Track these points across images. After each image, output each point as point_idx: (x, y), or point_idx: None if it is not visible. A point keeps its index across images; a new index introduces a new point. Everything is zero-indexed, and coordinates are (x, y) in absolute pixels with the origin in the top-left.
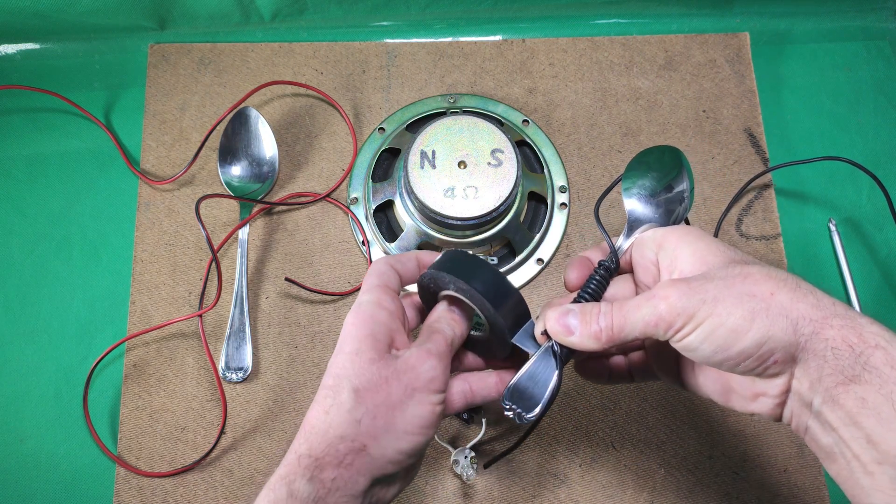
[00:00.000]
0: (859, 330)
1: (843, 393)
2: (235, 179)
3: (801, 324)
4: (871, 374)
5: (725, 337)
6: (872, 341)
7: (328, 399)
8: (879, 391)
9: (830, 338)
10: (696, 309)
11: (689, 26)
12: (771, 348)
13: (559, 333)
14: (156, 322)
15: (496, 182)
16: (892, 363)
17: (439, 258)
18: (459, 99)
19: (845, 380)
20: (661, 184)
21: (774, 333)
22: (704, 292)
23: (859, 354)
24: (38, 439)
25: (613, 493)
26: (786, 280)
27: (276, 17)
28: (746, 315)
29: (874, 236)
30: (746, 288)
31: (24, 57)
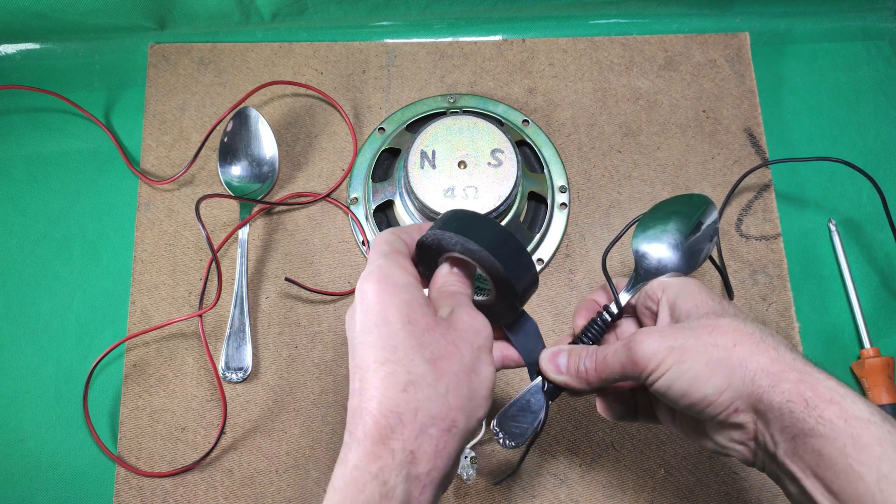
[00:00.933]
0: (814, 384)
1: (801, 445)
2: (235, 179)
3: (758, 376)
4: (826, 428)
5: (689, 383)
6: (827, 395)
7: (399, 375)
8: (833, 444)
9: (786, 391)
10: (665, 356)
11: (689, 26)
12: (731, 397)
13: (549, 371)
14: (156, 322)
15: (496, 182)
16: (845, 417)
17: (441, 217)
18: (459, 99)
19: (801, 433)
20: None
21: (733, 383)
22: (674, 340)
23: (814, 408)
24: (38, 439)
25: (613, 493)
26: (751, 333)
27: (276, 17)
28: (708, 364)
29: (874, 236)
30: (712, 339)
31: (24, 57)
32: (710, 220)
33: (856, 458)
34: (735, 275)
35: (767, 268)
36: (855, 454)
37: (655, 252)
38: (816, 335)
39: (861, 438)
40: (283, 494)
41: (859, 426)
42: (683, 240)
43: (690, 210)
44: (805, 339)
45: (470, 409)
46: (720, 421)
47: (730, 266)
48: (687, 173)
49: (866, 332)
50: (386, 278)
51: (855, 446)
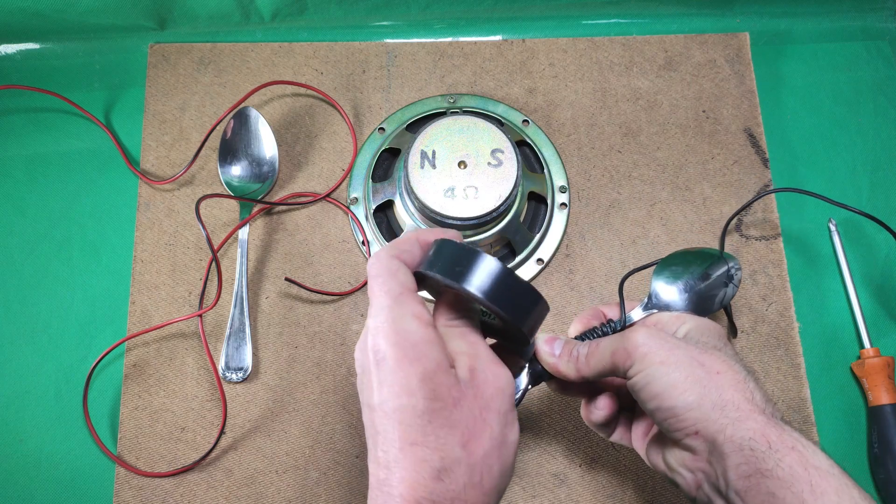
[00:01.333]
0: (780, 431)
1: (756, 486)
2: (235, 179)
3: (729, 407)
4: (784, 472)
5: (664, 389)
6: (790, 443)
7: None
8: (790, 489)
9: (751, 429)
10: (652, 352)
11: (689, 26)
12: (696, 418)
13: (544, 352)
14: (156, 322)
15: (496, 182)
16: (805, 465)
17: (431, 254)
18: (459, 99)
19: (758, 472)
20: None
21: (703, 405)
22: (666, 343)
23: (775, 451)
24: (38, 439)
25: (613, 493)
26: (737, 371)
27: (276, 17)
28: (688, 379)
29: (874, 236)
30: (701, 359)
31: (24, 57)
32: (720, 271)
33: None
34: None
35: (767, 268)
36: (811, 501)
37: (667, 292)
38: (816, 335)
39: (819, 486)
40: (283, 494)
41: (818, 475)
42: (693, 286)
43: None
44: (805, 339)
45: (502, 485)
46: (676, 439)
47: None
48: (687, 173)
49: (866, 332)
50: (403, 336)
51: (812, 493)
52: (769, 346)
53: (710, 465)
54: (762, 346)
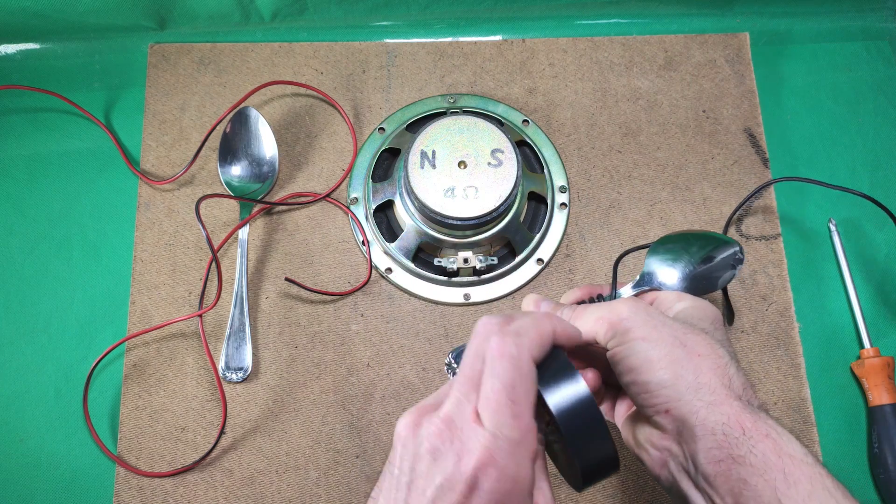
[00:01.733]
0: (754, 417)
1: (726, 471)
2: (235, 179)
3: (704, 390)
4: (758, 459)
5: (641, 363)
6: (764, 430)
7: None
8: (763, 476)
9: (726, 414)
10: (637, 326)
11: (689, 26)
12: (668, 396)
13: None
14: (156, 322)
15: (496, 182)
16: (779, 453)
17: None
18: (459, 99)
19: (729, 458)
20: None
21: (678, 384)
22: (649, 318)
23: (749, 438)
24: (38, 439)
25: (613, 493)
26: (720, 356)
27: (276, 17)
28: (667, 356)
29: (874, 236)
30: (685, 338)
31: (24, 57)
32: (725, 254)
33: (784, 493)
34: None
35: (767, 268)
36: (784, 489)
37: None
38: (816, 335)
39: (792, 475)
40: (283, 494)
41: (792, 463)
42: (693, 269)
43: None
44: (805, 339)
45: None
46: (648, 415)
47: None
48: (687, 173)
49: (866, 332)
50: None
51: (785, 481)
52: (769, 346)
53: (678, 445)
54: (762, 346)
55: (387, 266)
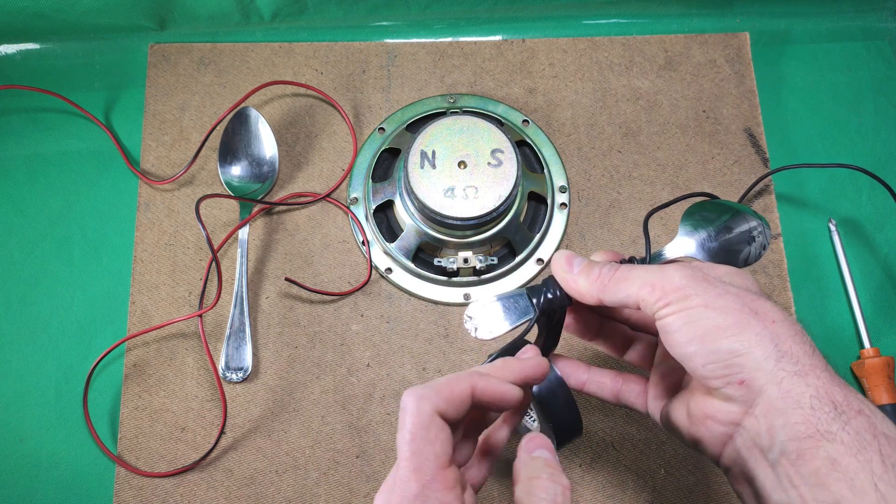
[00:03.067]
0: (845, 391)
1: (812, 448)
2: (235, 179)
3: (786, 359)
4: (851, 437)
5: (706, 330)
6: (856, 405)
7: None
8: (857, 456)
9: (813, 385)
10: (694, 292)
11: (689, 26)
12: (742, 364)
13: (561, 269)
14: (156, 322)
15: (496, 182)
16: (874, 432)
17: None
18: (459, 99)
19: (817, 434)
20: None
21: (754, 351)
22: (711, 286)
23: (841, 413)
24: (38, 439)
25: (613, 493)
26: (793, 324)
27: (276, 17)
28: (738, 324)
29: (874, 236)
30: (754, 304)
31: (24, 57)
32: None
33: (881, 478)
34: None
35: (767, 268)
36: (881, 472)
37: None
38: (816, 335)
39: (890, 457)
40: (283, 494)
41: (888, 444)
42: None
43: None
44: None
45: None
46: (714, 386)
47: None
48: (687, 173)
49: (866, 332)
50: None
51: (883, 463)
52: None
53: (753, 419)
54: None
55: (387, 266)
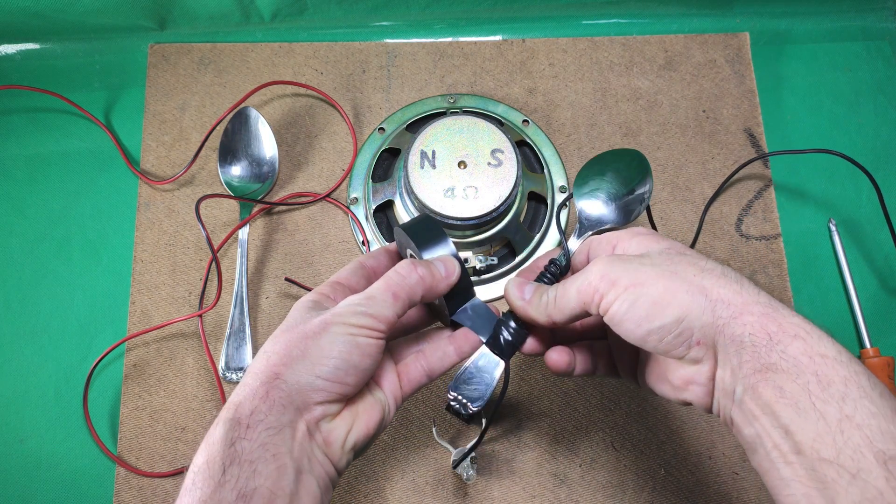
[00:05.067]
0: (779, 319)
1: (762, 381)
2: (235, 179)
3: (719, 307)
4: (789, 363)
5: (647, 308)
6: (791, 331)
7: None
8: (796, 381)
9: (748, 323)
10: (619, 276)
11: (689, 26)
12: (689, 327)
13: (514, 297)
14: (156, 322)
15: (496, 182)
16: (810, 353)
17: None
18: (459, 99)
19: (762, 367)
20: (620, 189)
21: (692, 311)
22: (629, 262)
23: (777, 343)
24: (38, 439)
25: (613, 493)
26: (713, 269)
27: (276, 17)
28: (668, 290)
29: (874, 236)
30: (673, 267)
31: (24, 57)
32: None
33: (818, 397)
34: None
35: (767, 268)
36: (818, 392)
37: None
38: None
39: (826, 377)
40: None
41: (825, 364)
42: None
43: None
44: None
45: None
46: (678, 356)
47: (729, 266)
48: (687, 173)
49: (866, 332)
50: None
51: (819, 384)
52: None
53: (720, 369)
54: None
55: None
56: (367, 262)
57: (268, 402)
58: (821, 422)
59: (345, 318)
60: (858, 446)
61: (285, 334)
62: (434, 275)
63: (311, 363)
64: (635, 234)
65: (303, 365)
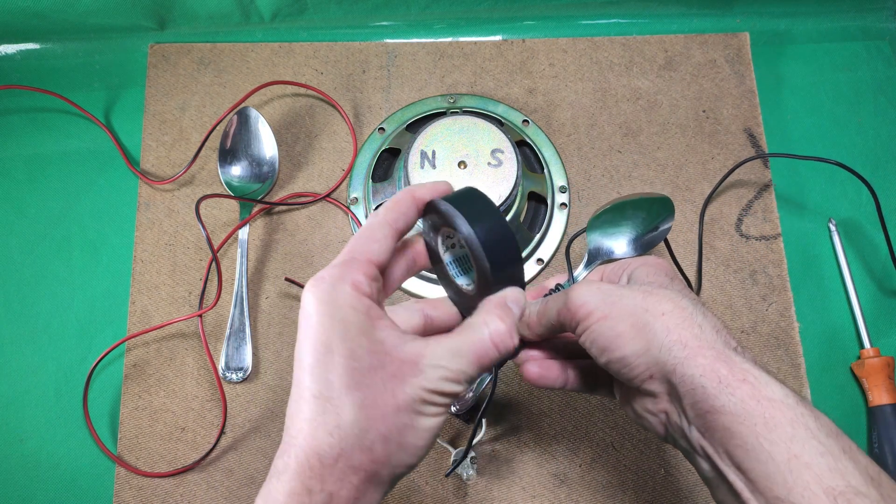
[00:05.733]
0: (730, 363)
1: (712, 422)
2: (235, 179)
3: (675, 347)
4: (737, 406)
5: (611, 341)
6: (740, 375)
7: (329, 415)
8: (744, 423)
9: (701, 366)
10: (595, 307)
11: (689, 26)
12: (646, 363)
13: None
14: (156, 322)
15: (496, 182)
16: (757, 397)
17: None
18: (459, 99)
19: (712, 409)
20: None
21: (651, 349)
22: (606, 296)
23: (726, 385)
24: (38, 439)
25: (613, 493)
26: (683, 308)
27: (276, 17)
28: (633, 326)
29: (874, 236)
30: (644, 303)
31: (24, 57)
32: (667, 226)
33: (766, 438)
34: (735, 275)
35: (767, 268)
36: (766, 434)
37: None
38: (816, 335)
39: (773, 419)
40: None
41: (772, 407)
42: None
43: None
44: (805, 339)
45: (397, 457)
46: (636, 386)
47: (730, 266)
48: (687, 173)
49: (866, 332)
50: (334, 297)
51: (766, 426)
52: (769, 346)
53: (671, 405)
54: (762, 346)
55: None
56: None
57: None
58: (770, 462)
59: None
60: (808, 483)
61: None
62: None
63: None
64: (643, 262)
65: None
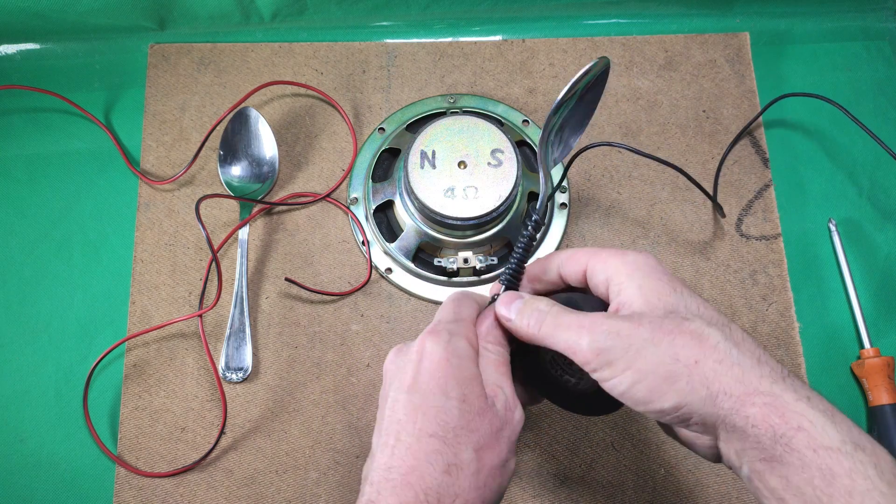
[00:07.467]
0: (782, 409)
1: (767, 469)
2: (235, 179)
3: (720, 398)
4: (793, 456)
5: (645, 395)
6: (795, 422)
7: (445, 455)
8: (801, 474)
9: (751, 416)
10: (617, 357)
11: (689, 26)
12: (689, 412)
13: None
14: (156, 322)
15: (496, 182)
16: (813, 447)
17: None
18: (459, 99)
19: (767, 458)
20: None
21: (692, 402)
22: (628, 340)
23: (781, 436)
24: (38, 439)
25: (613, 493)
26: (714, 346)
27: (276, 17)
28: (667, 380)
29: (874, 236)
30: (673, 351)
31: (24, 57)
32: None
33: (824, 491)
34: (735, 275)
35: (767, 268)
36: (823, 487)
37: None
38: (816, 335)
39: (831, 470)
40: (283, 494)
41: (829, 457)
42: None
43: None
44: (805, 339)
45: (493, 499)
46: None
47: (730, 266)
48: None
49: (866, 332)
50: (453, 346)
51: (824, 478)
52: (769, 346)
53: (725, 446)
54: (762, 346)
55: (387, 266)
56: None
57: None
58: None
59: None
60: None
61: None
62: None
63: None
64: (636, 269)
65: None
